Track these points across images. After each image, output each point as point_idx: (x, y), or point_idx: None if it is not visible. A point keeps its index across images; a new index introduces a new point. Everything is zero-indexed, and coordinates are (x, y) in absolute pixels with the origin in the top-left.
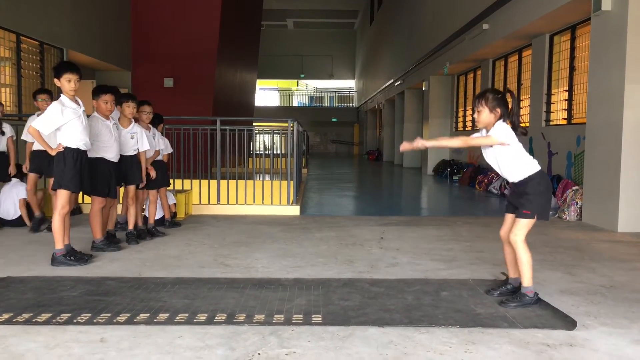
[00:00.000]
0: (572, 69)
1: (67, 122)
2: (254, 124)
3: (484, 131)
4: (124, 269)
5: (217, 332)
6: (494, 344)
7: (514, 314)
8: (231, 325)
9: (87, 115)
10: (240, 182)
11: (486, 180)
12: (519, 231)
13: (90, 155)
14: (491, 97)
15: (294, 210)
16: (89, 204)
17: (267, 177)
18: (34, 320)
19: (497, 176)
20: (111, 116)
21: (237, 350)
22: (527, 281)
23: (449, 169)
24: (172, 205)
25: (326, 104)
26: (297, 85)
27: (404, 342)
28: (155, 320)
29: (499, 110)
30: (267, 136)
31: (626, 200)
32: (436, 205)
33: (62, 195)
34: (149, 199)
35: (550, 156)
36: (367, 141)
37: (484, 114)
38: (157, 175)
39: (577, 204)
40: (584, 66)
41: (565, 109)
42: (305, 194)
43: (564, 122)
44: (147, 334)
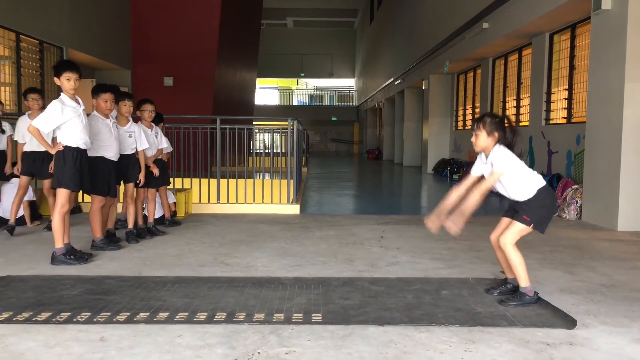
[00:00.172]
0: (572, 67)
1: (67, 121)
2: (254, 122)
3: (482, 156)
4: (124, 267)
5: (217, 331)
6: (494, 343)
7: (514, 313)
8: (231, 324)
9: (87, 114)
10: (240, 181)
11: None
12: (510, 234)
13: (90, 154)
14: (489, 121)
15: (294, 209)
16: (89, 202)
17: (267, 176)
18: (33, 319)
19: None
20: (111, 115)
21: (237, 349)
22: (524, 282)
23: (448, 168)
24: (172, 204)
25: (326, 102)
26: (297, 84)
27: (404, 341)
28: (155, 319)
29: (496, 134)
30: (267, 135)
31: (626, 198)
32: (436, 204)
33: (62, 194)
34: (148, 198)
35: (550, 155)
36: (367, 140)
37: (482, 137)
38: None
39: (576, 202)
40: (584, 65)
41: (565, 108)
42: (305, 193)
43: (564, 121)
44: (147, 333)
